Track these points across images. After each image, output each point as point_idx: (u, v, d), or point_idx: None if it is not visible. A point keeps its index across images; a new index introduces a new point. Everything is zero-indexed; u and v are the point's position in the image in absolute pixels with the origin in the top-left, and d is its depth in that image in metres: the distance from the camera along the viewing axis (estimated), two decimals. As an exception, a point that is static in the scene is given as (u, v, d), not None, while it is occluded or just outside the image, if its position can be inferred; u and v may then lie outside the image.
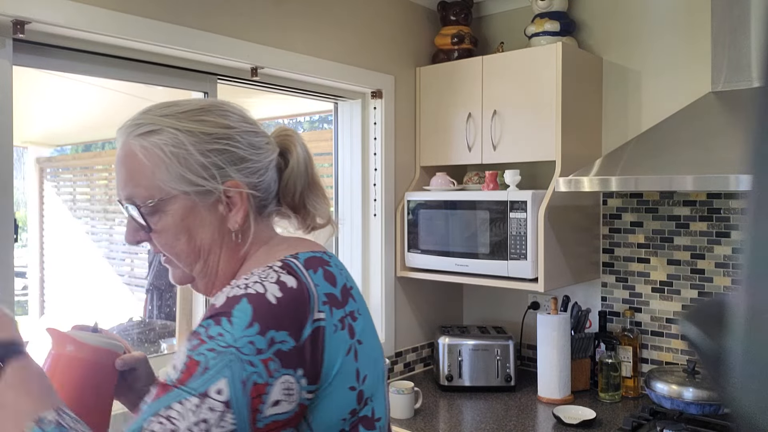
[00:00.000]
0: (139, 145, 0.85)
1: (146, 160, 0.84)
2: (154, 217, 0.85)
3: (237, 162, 0.86)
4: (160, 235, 0.87)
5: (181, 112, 0.86)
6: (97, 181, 4.17)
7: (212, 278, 0.90)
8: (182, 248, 0.87)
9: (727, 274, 2.24)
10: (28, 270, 3.96)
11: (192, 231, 0.86)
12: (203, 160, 0.85)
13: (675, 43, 2.34)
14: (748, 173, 0.28)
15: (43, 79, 3.01)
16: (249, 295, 0.75)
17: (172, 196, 0.85)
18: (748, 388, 0.29)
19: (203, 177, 0.85)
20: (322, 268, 0.83)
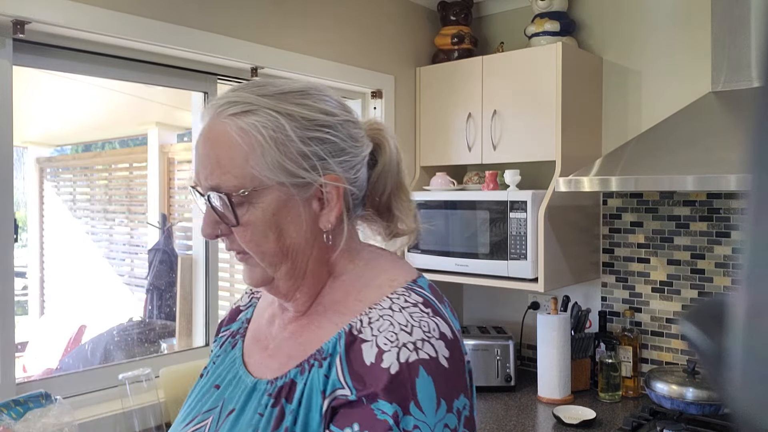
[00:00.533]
0: (236, 126, 0.74)
1: (243, 142, 0.74)
2: (242, 208, 0.75)
3: (337, 154, 0.78)
4: (246, 230, 0.76)
5: (281, 92, 0.77)
6: (97, 181, 4.18)
7: (298, 282, 0.80)
8: (270, 246, 0.77)
9: (727, 274, 2.24)
10: (28, 270, 3.96)
11: (283, 228, 0.77)
12: (304, 149, 0.75)
13: (675, 43, 2.34)
14: (748, 173, 0.28)
15: (43, 79, 3.01)
16: (424, 363, 0.67)
17: (266, 186, 0.75)
18: (749, 388, 0.29)
19: (303, 167, 0.75)
20: (443, 298, 0.80)
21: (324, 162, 0.76)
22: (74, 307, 3.81)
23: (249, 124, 0.75)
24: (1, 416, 1.43)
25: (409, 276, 0.80)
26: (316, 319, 0.80)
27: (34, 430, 1.44)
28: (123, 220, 3.96)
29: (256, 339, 0.87)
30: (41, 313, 3.99)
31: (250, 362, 0.85)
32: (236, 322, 0.95)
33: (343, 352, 0.71)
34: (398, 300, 0.74)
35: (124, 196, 4.01)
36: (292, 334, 0.81)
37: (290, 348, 0.80)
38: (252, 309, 0.95)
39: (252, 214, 0.75)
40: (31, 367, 3.39)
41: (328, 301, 0.81)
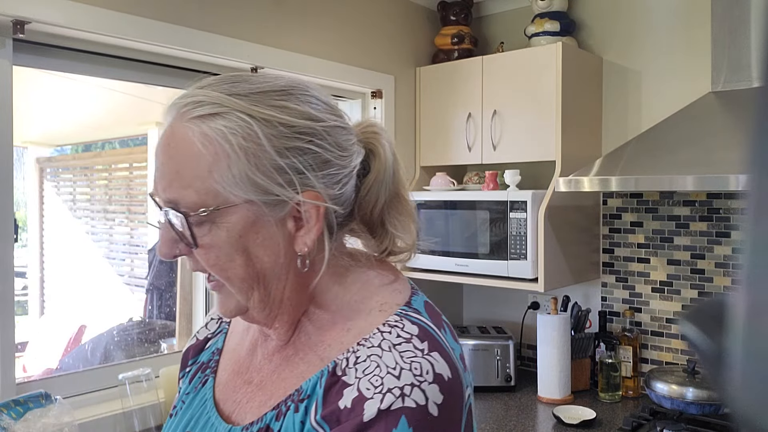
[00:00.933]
0: (199, 131, 0.63)
1: (206, 152, 0.63)
2: (202, 228, 0.64)
3: (320, 166, 0.66)
4: (209, 253, 0.65)
5: (257, 92, 0.65)
6: (97, 181, 4.18)
7: (274, 311, 0.70)
8: (237, 272, 0.66)
9: (727, 274, 2.24)
10: (28, 270, 3.96)
11: (251, 251, 0.66)
12: (280, 161, 0.64)
13: (675, 43, 2.34)
14: (748, 173, 0.28)
15: (43, 79, 3.01)
16: (408, 412, 0.58)
17: (231, 204, 0.63)
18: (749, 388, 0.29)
19: (278, 183, 0.64)
20: (442, 319, 0.70)
21: (303, 177, 0.65)
22: (74, 307, 3.81)
23: (215, 129, 0.63)
24: (1, 416, 1.43)
25: (402, 297, 0.71)
26: (300, 350, 0.71)
27: (34, 430, 1.44)
28: (123, 220, 3.96)
29: (237, 373, 0.77)
30: (41, 313, 3.99)
31: (225, 403, 0.75)
32: (204, 352, 0.84)
33: (321, 396, 0.64)
34: (389, 335, 0.65)
35: (124, 196, 4.01)
36: (277, 367, 0.72)
37: (273, 384, 0.71)
38: (222, 336, 0.84)
39: (215, 235, 0.64)
40: (31, 367, 3.39)
41: (313, 329, 0.71)
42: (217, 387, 0.77)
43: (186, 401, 0.79)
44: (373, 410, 0.59)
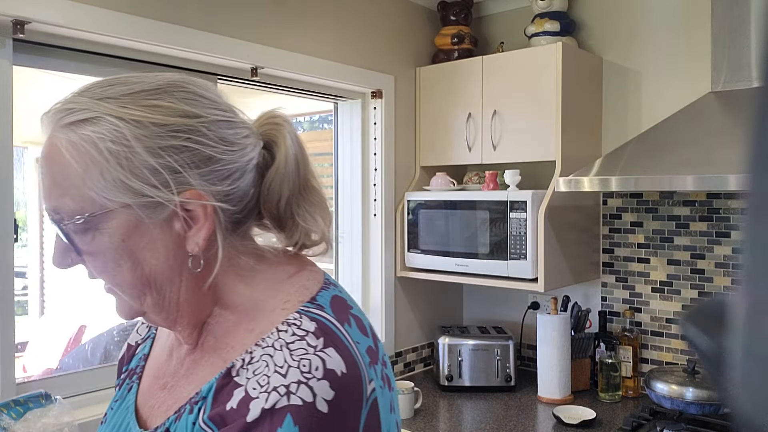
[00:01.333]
0: (66, 140, 0.62)
1: (73, 161, 0.62)
2: (86, 236, 0.64)
3: (201, 164, 0.64)
4: (95, 260, 0.65)
5: (129, 93, 0.64)
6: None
7: (171, 314, 0.69)
8: (125, 277, 0.65)
9: (727, 274, 2.24)
10: (28, 270, 3.96)
11: (137, 255, 0.65)
12: (153, 162, 0.62)
13: (675, 43, 2.34)
14: (748, 173, 0.28)
15: (43, 79, 3.01)
16: (293, 410, 0.57)
17: (108, 210, 0.63)
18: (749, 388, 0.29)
19: (152, 185, 0.62)
20: (350, 313, 0.68)
21: (179, 176, 0.63)
22: (74, 307, 3.81)
23: (83, 136, 0.62)
24: (1, 416, 1.43)
25: (306, 293, 0.68)
26: (207, 354, 0.70)
27: (34, 430, 1.44)
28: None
29: (155, 378, 0.76)
30: (41, 313, 3.99)
31: (143, 408, 0.74)
32: (134, 358, 0.84)
33: (211, 396, 0.63)
34: (285, 333, 0.63)
35: (124, 196, 4.00)
36: (187, 370, 0.71)
37: (181, 389, 0.70)
38: (150, 342, 0.83)
39: (99, 241, 0.64)
40: (31, 367, 3.39)
41: (220, 331, 0.69)
42: (140, 393, 0.77)
43: (114, 408, 0.79)
44: (257, 410, 0.58)
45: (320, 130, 3.30)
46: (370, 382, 0.63)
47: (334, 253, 2.65)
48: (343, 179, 2.62)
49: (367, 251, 2.60)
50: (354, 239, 2.60)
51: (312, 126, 3.39)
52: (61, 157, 0.63)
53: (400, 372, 2.64)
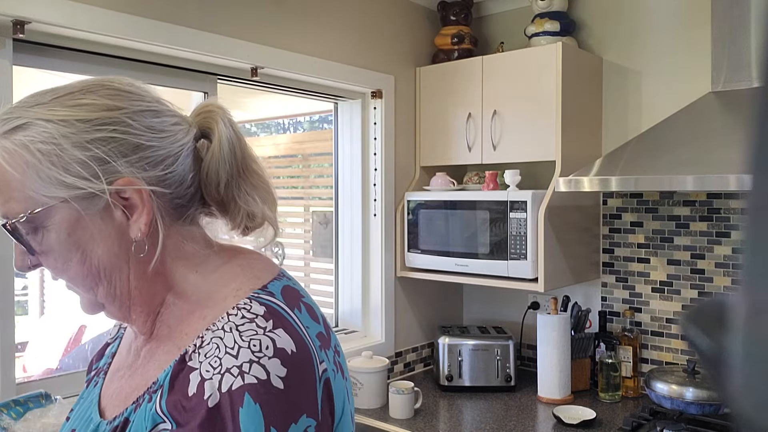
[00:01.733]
0: (2, 149, 0.66)
1: (9, 167, 0.66)
2: (37, 236, 0.68)
3: (129, 152, 0.68)
4: (49, 258, 0.69)
5: (55, 97, 0.68)
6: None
7: (124, 303, 0.72)
8: (76, 270, 0.69)
9: (727, 274, 2.24)
10: (28, 270, 3.95)
11: (84, 247, 0.68)
12: (81, 156, 0.66)
13: (675, 43, 2.34)
14: (748, 173, 0.28)
15: (43, 79, 3.01)
16: (250, 388, 0.60)
17: (48, 206, 0.66)
18: (749, 388, 0.29)
19: (83, 177, 0.66)
20: (301, 301, 0.71)
21: (109, 166, 0.67)
22: (74, 307, 3.81)
23: (17, 142, 0.66)
24: (1, 416, 1.43)
25: (258, 282, 0.70)
26: (162, 343, 0.72)
27: (34, 430, 1.44)
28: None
29: (115, 371, 0.79)
30: (41, 313, 3.99)
31: (104, 399, 0.77)
32: (104, 357, 0.87)
33: (167, 383, 0.65)
34: (235, 317, 0.65)
35: (124, 196, 4.00)
36: (143, 361, 0.74)
37: (138, 378, 0.72)
38: (119, 341, 0.86)
39: (47, 239, 0.68)
40: (31, 367, 3.39)
41: (173, 320, 0.72)
42: (103, 387, 0.79)
43: (79, 404, 0.82)
44: (215, 393, 0.60)
45: (320, 130, 3.30)
46: (321, 363, 0.66)
47: (334, 253, 2.65)
48: (343, 179, 2.62)
49: (367, 251, 2.60)
50: (354, 239, 2.60)
51: (312, 126, 3.39)
52: (1, 165, 0.67)
53: (400, 372, 2.65)
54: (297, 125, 3.44)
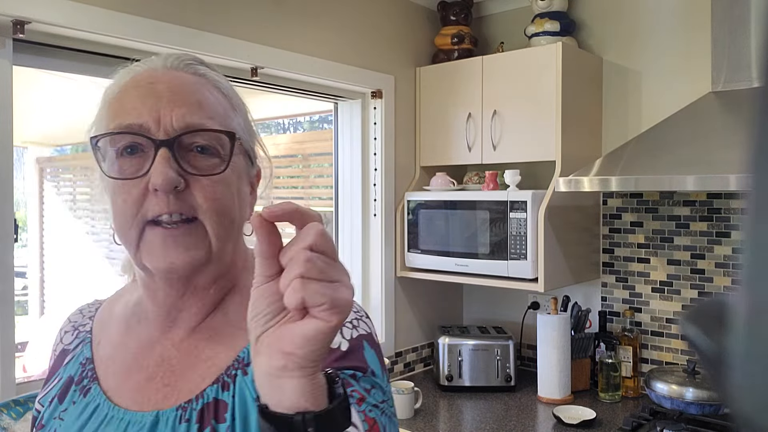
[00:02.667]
0: (210, 81, 0.71)
1: (221, 96, 0.71)
2: (234, 157, 0.68)
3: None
4: (217, 185, 0.66)
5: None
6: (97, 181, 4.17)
7: (222, 271, 0.71)
8: (230, 213, 0.68)
9: (727, 274, 2.24)
10: (28, 270, 3.96)
11: (240, 198, 0.70)
12: (254, 128, 0.75)
13: (675, 43, 2.34)
14: (748, 173, 0.28)
15: (43, 79, 3.01)
16: (366, 337, 0.70)
17: (240, 144, 0.70)
18: (749, 388, 0.29)
19: (257, 144, 0.75)
20: None
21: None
22: (74, 307, 3.80)
23: (222, 85, 0.72)
24: (1, 416, 1.43)
25: None
26: (219, 331, 0.71)
27: (34, 430, 1.44)
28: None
29: (128, 374, 0.73)
30: (41, 313, 3.99)
31: (126, 400, 0.71)
32: (68, 366, 0.78)
33: None
34: None
35: (124, 196, 4.00)
36: (192, 351, 0.71)
37: (194, 368, 0.70)
38: (87, 347, 0.78)
39: (236, 164, 0.69)
40: (31, 367, 3.38)
41: (231, 307, 0.73)
42: (109, 392, 0.73)
43: (64, 417, 0.73)
44: (342, 341, 0.68)
45: (320, 130, 3.30)
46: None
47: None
48: (343, 179, 2.62)
49: (367, 251, 2.60)
50: (354, 239, 2.60)
51: (312, 126, 3.39)
52: (212, 89, 0.71)
53: (400, 372, 2.64)
54: (297, 125, 3.44)
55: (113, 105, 0.68)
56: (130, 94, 0.67)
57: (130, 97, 0.67)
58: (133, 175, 0.65)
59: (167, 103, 0.65)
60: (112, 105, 0.69)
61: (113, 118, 0.67)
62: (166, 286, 0.70)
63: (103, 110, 0.70)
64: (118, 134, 0.66)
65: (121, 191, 0.66)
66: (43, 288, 4.00)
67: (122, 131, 0.65)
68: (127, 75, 0.71)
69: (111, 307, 0.83)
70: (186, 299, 0.71)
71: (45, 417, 0.76)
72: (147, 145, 0.65)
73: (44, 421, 0.76)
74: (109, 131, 0.66)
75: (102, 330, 0.80)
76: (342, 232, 2.63)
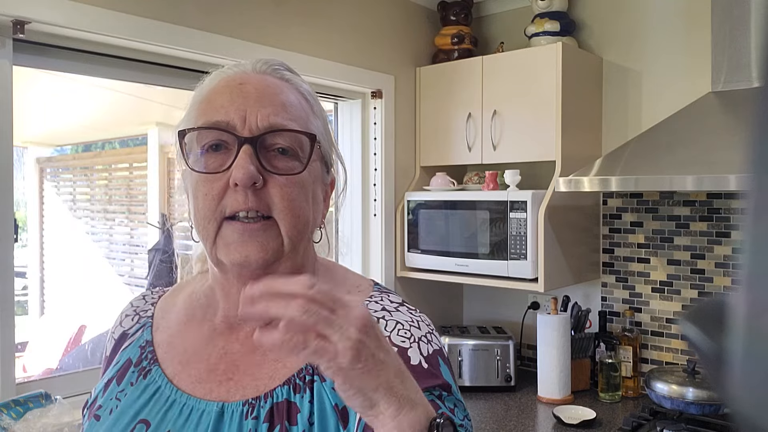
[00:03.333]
0: (294, 87, 0.74)
1: (304, 102, 0.73)
2: (312, 161, 0.71)
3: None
4: (294, 185, 0.69)
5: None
6: (97, 181, 4.18)
7: (293, 272, 0.71)
8: (305, 213, 0.70)
9: (727, 274, 2.24)
10: (28, 270, 3.96)
11: (314, 201, 0.73)
12: (332, 137, 0.78)
13: (675, 43, 2.34)
14: (748, 173, 0.28)
15: (43, 79, 3.01)
16: (439, 352, 0.71)
17: (318, 148, 0.72)
18: (749, 388, 0.29)
19: (335, 152, 0.78)
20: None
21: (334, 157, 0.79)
22: (74, 307, 3.81)
23: (305, 90, 0.75)
24: (1, 416, 1.43)
25: (369, 281, 0.80)
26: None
27: (34, 430, 1.44)
28: (123, 220, 3.96)
29: (188, 363, 0.74)
30: (41, 313, 3.99)
31: (187, 387, 0.72)
32: (127, 349, 0.80)
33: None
34: (382, 302, 0.74)
35: (124, 196, 4.01)
36: (256, 349, 0.71)
37: (260, 365, 0.70)
38: (148, 330, 0.80)
39: (313, 168, 0.72)
40: (31, 367, 3.38)
41: None
42: (170, 376, 0.73)
43: (122, 398, 0.74)
44: (421, 358, 0.68)
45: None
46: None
47: (334, 253, 2.65)
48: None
49: (367, 251, 2.60)
50: (354, 239, 2.60)
51: (312, 126, 3.39)
52: (295, 93, 0.74)
53: (400, 372, 2.64)
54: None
55: (202, 104, 0.72)
56: (220, 94, 0.70)
57: (220, 97, 0.70)
58: (216, 170, 0.68)
59: (254, 103, 0.68)
60: (201, 104, 0.72)
61: (201, 115, 0.70)
62: (239, 282, 0.71)
63: (192, 109, 0.73)
64: (205, 129, 0.69)
65: (203, 185, 0.68)
66: (43, 288, 4.00)
67: (210, 127, 0.68)
68: (218, 77, 0.74)
69: (174, 296, 0.84)
70: None
71: (101, 399, 0.76)
72: (231, 142, 0.68)
73: (101, 402, 0.76)
74: (199, 126, 0.69)
75: (163, 317, 0.81)
76: (342, 232, 2.63)
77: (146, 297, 0.87)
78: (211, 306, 0.77)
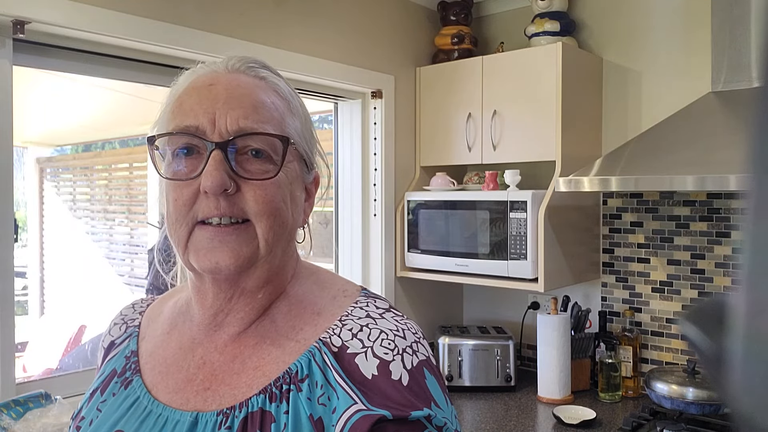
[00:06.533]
0: (267, 85, 0.72)
1: (279, 101, 0.71)
2: (289, 162, 0.70)
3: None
4: (269, 187, 0.67)
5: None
6: (97, 181, 4.18)
7: (271, 276, 0.70)
8: (283, 216, 0.68)
9: (727, 274, 2.24)
10: (28, 270, 3.96)
11: (293, 202, 0.70)
12: (314, 132, 0.75)
13: (675, 43, 2.34)
14: (748, 173, 0.28)
15: (43, 79, 3.02)
16: (425, 364, 0.66)
17: (295, 149, 0.70)
18: (749, 388, 0.29)
19: (315, 150, 0.75)
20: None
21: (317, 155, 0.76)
22: (74, 307, 3.81)
23: (281, 88, 0.72)
24: (1, 416, 1.43)
25: (357, 286, 0.76)
26: (267, 337, 0.70)
27: (34, 430, 1.44)
28: (123, 220, 3.97)
29: (168, 373, 0.73)
30: (41, 313, 3.99)
31: (165, 397, 0.70)
32: (113, 359, 0.80)
33: (336, 367, 0.64)
34: (367, 308, 0.70)
35: (124, 196, 4.01)
36: (235, 357, 0.70)
37: (239, 373, 0.69)
38: (134, 340, 0.80)
39: (292, 169, 0.70)
40: (31, 367, 3.39)
41: (280, 317, 0.71)
42: (149, 387, 0.73)
43: (103, 409, 0.74)
44: (404, 372, 0.64)
45: (320, 130, 3.30)
46: None
47: (334, 253, 2.65)
48: (343, 179, 2.62)
49: (367, 251, 2.60)
50: (354, 239, 2.60)
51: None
52: (268, 93, 0.71)
53: (400, 372, 2.64)
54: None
55: (173, 106, 0.70)
56: (190, 96, 0.69)
57: (190, 99, 0.68)
58: (187, 176, 0.66)
59: (223, 105, 0.66)
60: (172, 106, 0.70)
61: (172, 119, 0.68)
62: (214, 287, 0.70)
63: (166, 111, 0.71)
64: (175, 135, 0.67)
65: (174, 191, 0.67)
66: (43, 288, 4.00)
67: (179, 132, 0.67)
68: (190, 77, 0.72)
69: (162, 304, 0.84)
70: (234, 302, 0.71)
71: (85, 409, 0.77)
72: (202, 147, 0.67)
73: (84, 413, 0.76)
74: (167, 132, 0.68)
75: (149, 325, 0.81)
76: (342, 232, 2.63)
77: (135, 305, 0.86)
78: (190, 314, 0.75)
